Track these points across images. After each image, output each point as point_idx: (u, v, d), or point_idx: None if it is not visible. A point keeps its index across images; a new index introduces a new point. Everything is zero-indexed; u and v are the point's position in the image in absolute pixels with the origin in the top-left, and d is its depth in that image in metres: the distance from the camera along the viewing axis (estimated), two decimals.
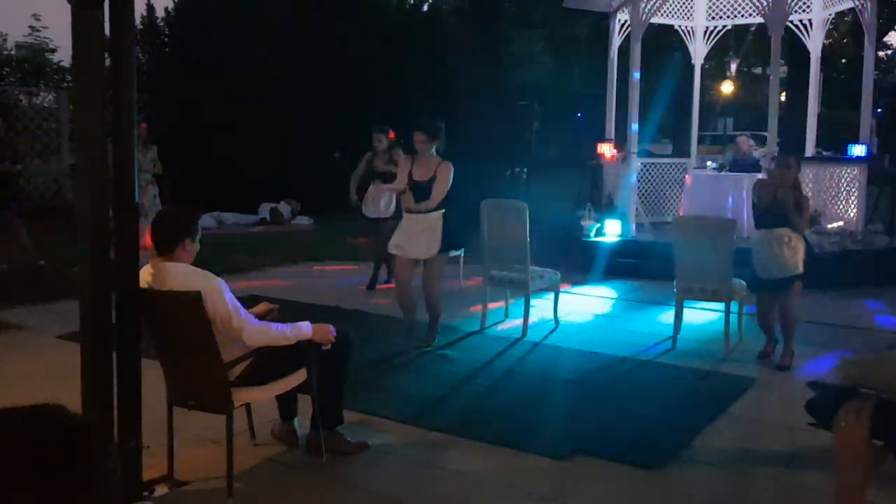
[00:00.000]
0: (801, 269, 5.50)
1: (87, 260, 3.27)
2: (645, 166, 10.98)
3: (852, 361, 1.59)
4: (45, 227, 9.95)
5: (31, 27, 15.71)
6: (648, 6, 9.49)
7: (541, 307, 6.91)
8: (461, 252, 7.33)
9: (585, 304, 7.63)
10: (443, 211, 5.84)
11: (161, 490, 3.61)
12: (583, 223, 9.77)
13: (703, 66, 12.04)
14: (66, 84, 14.81)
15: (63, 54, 15.00)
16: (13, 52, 15.79)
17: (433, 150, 5.84)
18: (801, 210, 5.50)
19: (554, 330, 6.55)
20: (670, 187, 11.23)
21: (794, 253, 5.49)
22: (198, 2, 16.15)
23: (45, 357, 5.65)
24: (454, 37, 17.39)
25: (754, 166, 10.36)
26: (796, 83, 15.30)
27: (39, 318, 6.75)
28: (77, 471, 0.93)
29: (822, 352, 5.94)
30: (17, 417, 0.95)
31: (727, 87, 24.22)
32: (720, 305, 6.21)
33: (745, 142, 11.79)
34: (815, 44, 10.39)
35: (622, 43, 10.51)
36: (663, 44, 17.20)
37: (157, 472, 3.66)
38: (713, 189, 10.30)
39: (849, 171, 9.51)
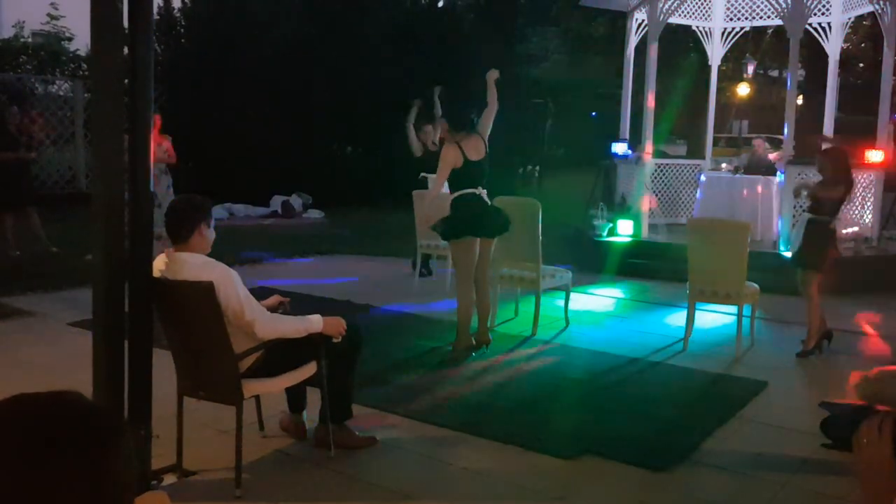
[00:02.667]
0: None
1: (102, 248, 3.28)
2: (659, 167, 10.93)
3: (871, 379, 1.57)
4: (58, 215, 10.01)
5: (50, 15, 15.76)
6: (666, 6, 9.43)
7: (551, 306, 6.89)
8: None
9: (596, 304, 7.61)
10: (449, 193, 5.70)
11: (170, 479, 3.63)
12: (595, 222, 9.74)
13: (719, 68, 11.98)
14: (81, 73, 14.84)
15: (79, 43, 15.00)
16: (30, 41, 15.85)
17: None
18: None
19: (564, 329, 6.54)
20: (684, 188, 11.19)
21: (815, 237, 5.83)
22: None
23: (56, 344, 5.67)
24: (469, 33, 17.38)
25: (769, 169, 10.32)
26: (813, 87, 15.19)
27: (52, 306, 6.79)
28: (94, 455, 0.93)
29: (837, 358, 5.91)
30: (37, 402, 0.95)
31: (743, 90, 24.10)
32: (733, 308, 6.18)
33: (760, 145, 11.74)
34: (833, 47, 10.31)
35: (638, 42, 10.47)
36: (680, 44, 17.12)
37: (166, 461, 3.67)
38: (728, 191, 10.26)
39: (864, 176, 9.44)
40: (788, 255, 6.67)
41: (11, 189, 8.81)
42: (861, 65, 27.96)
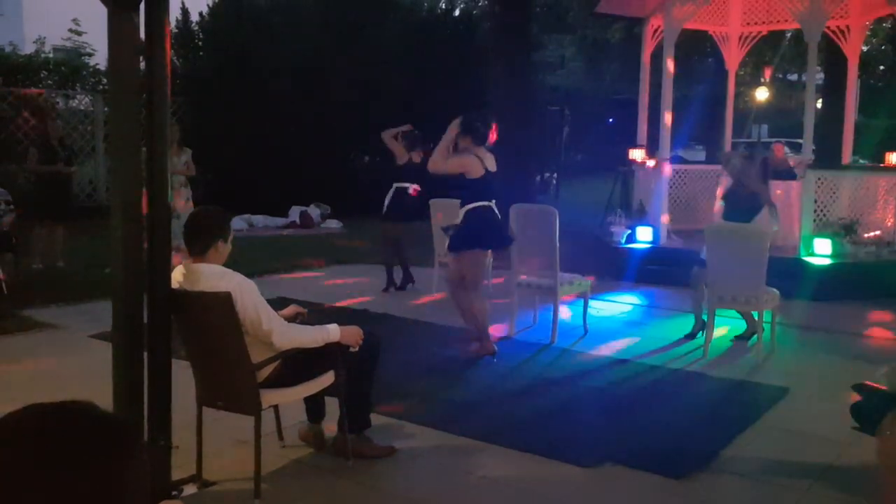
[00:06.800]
0: None
1: (120, 260, 3.30)
2: (677, 173, 10.88)
3: None
4: (80, 229, 10.10)
5: (71, 30, 15.97)
6: (682, 11, 9.40)
7: (570, 314, 6.86)
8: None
9: (615, 311, 7.57)
10: (464, 204, 5.77)
11: (190, 490, 3.64)
12: (613, 229, 9.70)
13: (737, 72, 11.92)
14: (102, 87, 15.01)
15: (99, 58, 15.19)
16: (51, 56, 16.05)
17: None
18: None
19: (583, 337, 6.51)
20: (702, 194, 11.12)
21: None
22: (231, 5, 16.33)
23: (78, 356, 5.72)
24: (485, 41, 17.39)
25: (789, 174, 10.23)
26: (833, 90, 15.07)
27: (73, 318, 6.85)
28: (108, 465, 0.93)
29: (859, 364, 5.84)
30: (46, 412, 0.96)
31: (762, 94, 23.95)
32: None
33: (780, 149, 11.65)
34: (852, 50, 10.24)
35: (655, 48, 10.44)
36: (697, 49, 17.07)
37: (186, 471, 3.69)
38: None
39: (886, 180, 9.34)
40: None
41: (49, 202, 8.93)
42: (881, 67, 27.72)
